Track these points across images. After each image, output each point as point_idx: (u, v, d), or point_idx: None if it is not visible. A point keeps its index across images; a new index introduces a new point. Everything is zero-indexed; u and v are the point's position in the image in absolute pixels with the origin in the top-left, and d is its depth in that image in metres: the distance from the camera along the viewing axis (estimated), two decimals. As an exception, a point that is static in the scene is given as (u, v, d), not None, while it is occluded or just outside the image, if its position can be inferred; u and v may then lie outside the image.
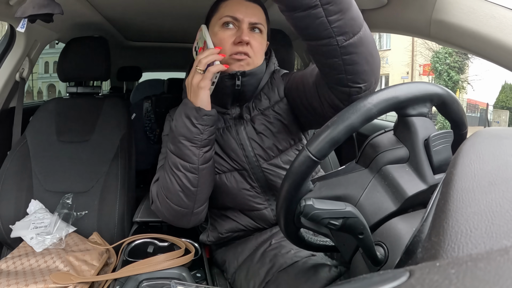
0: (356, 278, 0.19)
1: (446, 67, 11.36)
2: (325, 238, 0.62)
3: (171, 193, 0.77)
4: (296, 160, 0.50)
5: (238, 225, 0.89)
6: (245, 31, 0.78)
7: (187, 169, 0.75)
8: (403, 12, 0.83)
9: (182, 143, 0.74)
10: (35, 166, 1.14)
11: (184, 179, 0.75)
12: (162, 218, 0.84)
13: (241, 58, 0.78)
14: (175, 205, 0.78)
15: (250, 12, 0.79)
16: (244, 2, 0.81)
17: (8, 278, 0.79)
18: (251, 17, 0.79)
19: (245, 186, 0.85)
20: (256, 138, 0.84)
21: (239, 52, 0.78)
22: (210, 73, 0.72)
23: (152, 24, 1.55)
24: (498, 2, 0.67)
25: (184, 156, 0.74)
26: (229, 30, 0.79)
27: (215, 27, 0.81)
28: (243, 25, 0.78)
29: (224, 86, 0.80)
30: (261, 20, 0.81)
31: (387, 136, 0.56)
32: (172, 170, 0.76)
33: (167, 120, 0.95)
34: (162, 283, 0.76)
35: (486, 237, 0.20)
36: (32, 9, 0.72)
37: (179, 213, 0.79)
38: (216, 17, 0.81)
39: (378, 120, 1.44)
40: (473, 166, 0.27)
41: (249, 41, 0.78)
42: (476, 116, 12.45)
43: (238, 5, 0.80)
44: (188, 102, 0.74)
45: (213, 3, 0.85)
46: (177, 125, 0.74)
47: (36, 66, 1.83)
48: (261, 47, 0.82)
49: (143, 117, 2.10)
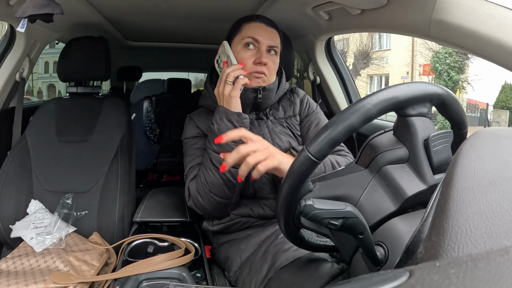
0: (356, 278, 0.19)
1: (446, 67, 11.35)
2: (325, 238, 0.62)
3: (215, 187, 0.87)
4: (295, 161, 0.50)
5: (247, 210, 0.93)
6: (263, 54, 0.92)
7: None
8: (403, 12, 0.83)
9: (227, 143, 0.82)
10: (35, 166, 1.14)
11: (227, 173, 0.85)
12: (201, 211, 0.93)
13: (259, 76, 0.93)
14: (218, 198, 0.88)
15: (269, 36, 0.94)
16: (264, 26, 0.95)
17: (8, 278, 0.79)
18: (270, 41, 0.94)
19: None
20: (275, 134, 0.97)
21: (258, 71, 0.93)
22: (239, 84, 0.87)
23: (152, 24, 1.55)
24: (498, 2, 0.66)
25: None
26: (250, 50, 0.93)
27: (237, 46, 0.95)
28: (262, 47, 0.93)
29: (247, 98, 0.93)
30: (277, 43, 0.96)
31: (386, 136, 0.56)
32: (216, 167, 0.86)
33: (188, 123, 1.02)
34: (162, 283, 0.76)
35: (486, 237, 0.20)
36: (32, 9, 0.72)
37: (221, 204, 0.90)
38: (239, 36, 0.95)
39: (378, 120, 1.44)
40: (473, 166, 0.27)
41: (267, 62, 0.92)
42: (476, 116, 12.44)
43: (259, 28, 0.94)
44: (226, 110, 0.87)
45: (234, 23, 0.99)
46: (220, 128, 0.86)
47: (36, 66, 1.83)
48: (275, 67, 0.97)
49: (143, 117, 2.10)
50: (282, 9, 1.18)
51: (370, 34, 12.51)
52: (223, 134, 0.74)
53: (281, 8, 1.18)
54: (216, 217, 0.96)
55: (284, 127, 0.99)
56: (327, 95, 1.55)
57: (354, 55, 13.37)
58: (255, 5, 1.21)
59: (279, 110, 1.01)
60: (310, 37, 1.42)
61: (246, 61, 0.92)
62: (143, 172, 2.10)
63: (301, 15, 1.20)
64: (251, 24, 0.95)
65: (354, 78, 2.19)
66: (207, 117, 0.99)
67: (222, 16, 1.35)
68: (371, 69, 13.77)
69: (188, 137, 1.00)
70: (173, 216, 1.06)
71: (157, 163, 2.12)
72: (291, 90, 1.07)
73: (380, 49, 13.65)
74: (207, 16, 1.35)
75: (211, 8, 1.26)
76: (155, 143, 2.12)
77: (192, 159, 0.96)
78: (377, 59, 13.60)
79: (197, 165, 0.94)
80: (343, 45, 12.99)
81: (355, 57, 13.37)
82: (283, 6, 1.16)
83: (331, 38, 1.47)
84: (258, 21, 0.96)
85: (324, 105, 1.59)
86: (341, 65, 1.53)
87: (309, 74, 1.55)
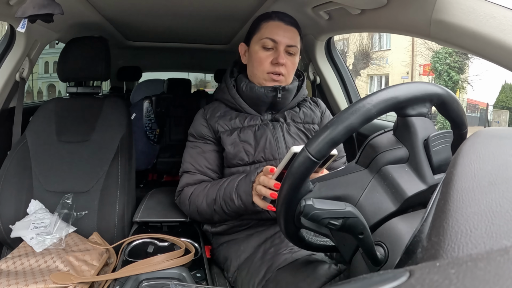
0: (356, 278, 0.19)
1: (446, 67, 11.35)
2: (325, 238, 0.62)
3: (205, 218, 0.95)
4: (295, 161, 0.50)
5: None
6: (281, 54, 0.91)
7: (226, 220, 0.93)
8: (403, 12, 0.83)
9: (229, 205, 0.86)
10: (35, 166, 1.14)
11: (224, 214, 0.90)
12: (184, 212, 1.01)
13: (276, 79, 0.93)
14: (202, 220, 0.97)
15: (287, 36, 0.92)
16: (283, 25, 0.93)
17: (8, 278, 0.79)
18: (288, 40, 0.92)
19: None
20: (289, 136, 0.96)
21: (275, 72, 0.92)
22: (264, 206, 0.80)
23: (152, 24, 1.55)
24: (498, 2, 0.66)
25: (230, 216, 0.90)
26: (268, 51, 0.92)
27: (256, 45, 0.94)
28: (280, 47, 0.91)
29: (265, 96, 0.93)
30: (296, 43, 0.94)
31: (386, 136, 0.56)
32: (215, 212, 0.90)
33: (199, 118, 1.00)
34: (162, 283, 0.76)
35: (486, 237, 0.20)
36: (32, 9, 0.72)
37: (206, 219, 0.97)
38: (257, 36, 0.94)
39: (378, 120, 1.44)
40: (473, 166, 0.27)
41: (284, 62, 0.91)
42: (476, 116, 12.44)
43: (277, 28, 0.92)
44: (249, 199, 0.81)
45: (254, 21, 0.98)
46: (232, 198, 0.85)
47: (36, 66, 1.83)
48: (293, 67, 0.95)
49: (143, 117, 2.10)
50: (282, 9, 1.18)
51: (370, 34, 12.51)
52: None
53: (281, 8, 1.17)
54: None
55: (300, 130, 0.98)
56: (327, 95, 1.54)
57: (354, 55, 13.38)
58: (255, 5, 1.21)
59: (299, 114, 1.00)
60: (310, 37, 1.42)
61: (264, 61, 0.92)
62: (143, 172, 2.10)
63: (301, 15, 1.20)
64: (269, 23, 0.93)
65: (354, 78, 2.19)
66: (224, 114, 0.98)
67: (222, 16, 1.35)
68: (371, 69, 13.77)
69: (194, 134, 1.00)
70: (173, 216, 1.06)
71: (157, 163, 2.12)
72: (313, 99, 1.07)
73: (380, 49, 13.64)
74: (207, 16, 1.35)
75: (211, 8, 1.26)
76: (155, 143, 2.12)
77: (191, 162, 0.97)
78: (377, 59, 13.60)
79: (195, 173, 0.97)
80: (343, 45, 12.99)
81: (355, 57, 13.37)
82: (283, 6, 1.16)
83: (331, 38, 1.47)
84: (277, 19, 0.94)
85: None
86: (341, 65, 1.53)
87: (309, 74, 1.55)
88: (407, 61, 12.95)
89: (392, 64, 13.34)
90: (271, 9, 1.19)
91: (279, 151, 0.93)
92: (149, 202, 1.14)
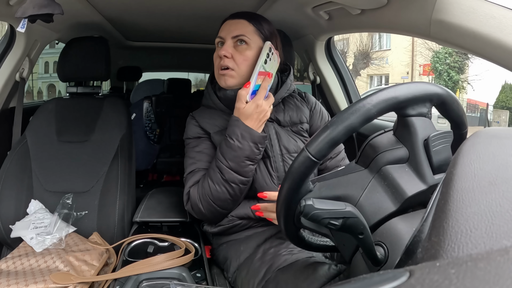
0: (356, 278, 0.19)
1: (446, 67, 11.36)
2: (325, 238, 0.62)
3: (221, 200, 0.87)
4: (295, 161, 0.50)
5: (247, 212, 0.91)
6: (224, 47, 0.88)
7: (242, 182, 0.86)
8: (403, 12, 0.83)
9: (245, 163, 0.84)
10: (35, 166, 1.14)
11: (237, 190, 0.86)
12: (198, 217, 0.93)
13: (222, 72, 0.89)
14: (220, 209, 0.89)
15: (232, 28, 0.89)
16: (230, 21, 0.92)
17: (8, 278, 0.79)
18: (233, 32, 0.89)
19: (264, 173, 0.91)
20: (282, 135, 0.94)
21: (221, 66, 0.88)
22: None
23: (152, 24, 1.55)
24: (498, 2, 0.66)
25: (243, 172, 0.85)
26: (219, 49, 0.90)
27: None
28: (227, 42, 0.89)
29: (229, 95, 0.91)
30: (244, 32, 0.89)
31: (386, 136, 0.56)
32: (227, 183, 0.85)
33: (190, 123, 1.00)
34: (162, 283, 0.76)
35: (486, 237, 0.20)
36: (32, 9, 0.72)
37: (222, 214, 0.91)
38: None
39: (378, 120, 1.44)
40: (473, 166, 0.27)
41: (227, 54, 0.87)
42: (476, 116, 12.44)
43: (226, 25, 0.92)
44: (252, 130, 0.83)
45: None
46: (243, 148, 0.83)
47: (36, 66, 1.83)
48: (245, 58, 0.88)
49: (143, 117, 2.10)
50: (282, 9, 1.18)
51: (370, 34, 12.52)
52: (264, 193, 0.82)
53: (281, 8, 1.18)
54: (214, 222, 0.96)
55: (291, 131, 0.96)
56: (327, 95, 1.55)
57: (354, 55, 13.38)
58: (255, 5, 1.21)
59: (284, 113, 0.96)
60: (310, 37, 1.42)
61: (215, 59, 0.91)
62: (143, 172, 2.10)
63: (301, 15, 1.20)
64: (222, 25, 0.94)
65: (354, 78, 2.19)
66: (210, 116, 0.97)
67: (223, 16, 1.34)
68: (371, 69, 13.79)
69: (190, 137, 0.98)
70: (173, 216, 1.06)
71: (157, 163, 2.12)
72: (300, 94, 1.02)
73: (380, 49, 13.66)
74: (207, 16, 1.35)
75: (211, 8, 1.26)
76: (155, 143, 2.12)
77: (193, 162, 0.94)
78: (377, 59, 13.61)
79: (198, 170, 0.92)
80: (343, 45, 12.99)
81: (355, 57, 13.38)
82: (283, 6, 1.16)
83: (331, 38, 1.47)
84: (229, 19, 0.93)
85: (324, 105, 1.59)
86: (341, 65, 1.53)
87: (309, 74, 1.55)
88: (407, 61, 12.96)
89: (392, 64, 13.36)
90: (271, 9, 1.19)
91: (272, 148, 0.93)
92: (149, 202, 1.14)
